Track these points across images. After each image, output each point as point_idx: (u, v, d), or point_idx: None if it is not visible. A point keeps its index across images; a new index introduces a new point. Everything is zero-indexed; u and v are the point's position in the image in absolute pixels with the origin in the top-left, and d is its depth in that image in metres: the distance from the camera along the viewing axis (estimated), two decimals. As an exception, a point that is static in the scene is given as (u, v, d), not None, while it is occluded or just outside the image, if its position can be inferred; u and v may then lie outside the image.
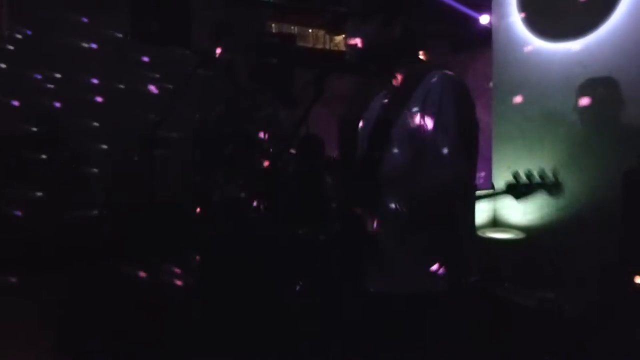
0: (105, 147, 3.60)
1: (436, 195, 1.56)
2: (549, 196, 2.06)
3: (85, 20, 3.71)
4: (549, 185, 2.05)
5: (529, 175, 2.05)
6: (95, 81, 3.67)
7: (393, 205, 1.57)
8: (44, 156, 3.40)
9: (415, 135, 1.58)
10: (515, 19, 3.53)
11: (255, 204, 2.45)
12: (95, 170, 3.56)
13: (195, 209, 2.72)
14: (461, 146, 1.53)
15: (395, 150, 1.62)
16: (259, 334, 2.46)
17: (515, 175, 2.07)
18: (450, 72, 1.63)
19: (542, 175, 2.05)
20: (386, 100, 1.77)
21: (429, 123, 1.56)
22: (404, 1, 1.72)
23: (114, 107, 3.69)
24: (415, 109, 1.59)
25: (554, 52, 3.32)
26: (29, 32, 3.53)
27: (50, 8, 3.54)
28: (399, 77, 1.71)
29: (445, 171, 1.53)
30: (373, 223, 1.63)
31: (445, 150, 1.52)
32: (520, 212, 3.55)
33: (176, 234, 3.00)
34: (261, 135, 2.51)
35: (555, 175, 2.05)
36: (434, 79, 1.60)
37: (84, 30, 3.72)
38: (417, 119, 1.58)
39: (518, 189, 2.07)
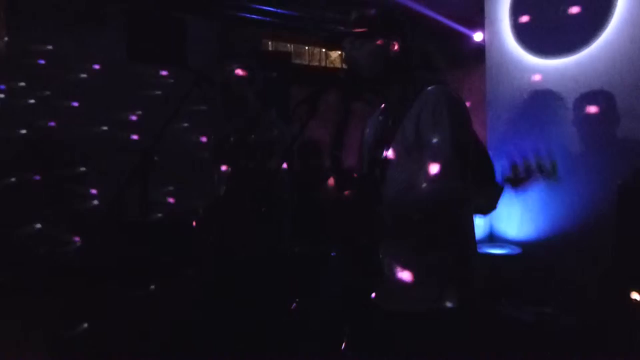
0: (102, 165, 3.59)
1: (435, 211, 1.55)
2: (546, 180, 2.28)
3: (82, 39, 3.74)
4: (546, 172, 2.22)
5: (527, 167, 2.17)
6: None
7: (396, 223, 1.55)
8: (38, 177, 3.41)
9: (412, 152, 1.58)
10: (508, 36, 3.58)
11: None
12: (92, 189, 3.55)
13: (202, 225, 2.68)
14: (456, 161, 1.52)
15: (394, 168, 1.62)
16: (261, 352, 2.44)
17: (514, 169, 2.19)
18: (445, 87, 1.63)
19: (539, 164, 2.19)
20: (381, 118, 1.77)
21: (425, 138, 1.56)
22: (402, 19, 1.74)
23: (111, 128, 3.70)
24: (410, 125, 1.59)
25: (547, 68, 3.35)
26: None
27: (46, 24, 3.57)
28: (395, 94, 1.70)
29: (440, 186, 1.52)
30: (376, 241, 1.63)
31: (441, 165, 1.51)
32: (516, 227, 3.56)
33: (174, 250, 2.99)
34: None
35: (551, 162, 2.23)
36: (429, 95, 1.60)
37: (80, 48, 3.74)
38: (413, 135, 1.58)
39: (516, 181, 2.19)
